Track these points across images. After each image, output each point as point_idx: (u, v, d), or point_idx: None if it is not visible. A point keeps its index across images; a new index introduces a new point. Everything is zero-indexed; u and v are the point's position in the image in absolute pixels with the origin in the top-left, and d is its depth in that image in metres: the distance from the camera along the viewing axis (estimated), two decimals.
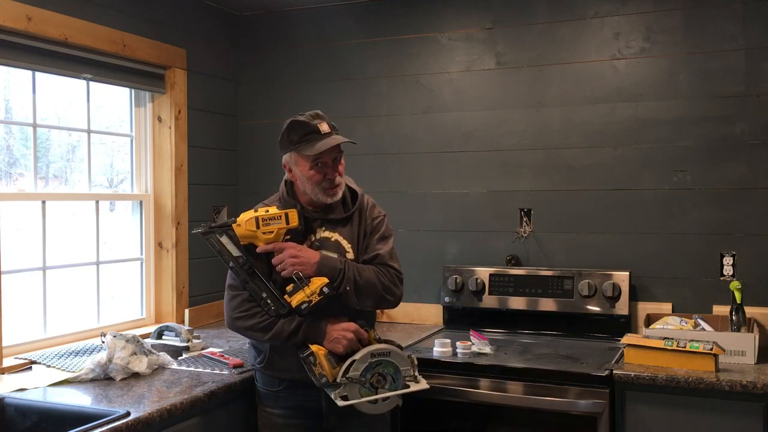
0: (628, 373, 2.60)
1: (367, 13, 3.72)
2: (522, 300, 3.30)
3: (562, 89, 3.37)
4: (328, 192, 2.33)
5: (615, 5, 3.28)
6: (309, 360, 2.22)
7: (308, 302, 2.20)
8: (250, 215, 2.29)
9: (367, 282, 2.30)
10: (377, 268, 2.35)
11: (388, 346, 2.27)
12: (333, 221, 2.40)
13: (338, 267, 2.26)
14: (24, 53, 2.75)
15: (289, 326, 2.25)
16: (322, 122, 2.31)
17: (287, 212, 2.29)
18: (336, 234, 2.38)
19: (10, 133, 2.96)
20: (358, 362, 2.21)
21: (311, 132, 2.29)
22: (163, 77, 3.45)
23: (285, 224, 2.28)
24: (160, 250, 3.49)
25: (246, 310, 2.30)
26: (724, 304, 3.03)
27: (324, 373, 2.21)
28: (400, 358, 2.26)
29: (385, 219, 2.47)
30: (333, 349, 2.24)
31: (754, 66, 3.06)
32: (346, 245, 2.38)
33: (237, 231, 2.29)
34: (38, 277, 2.93)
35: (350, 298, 2.28)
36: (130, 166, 3.47)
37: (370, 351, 2.23)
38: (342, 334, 2.25)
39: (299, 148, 2.30)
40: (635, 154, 3.25)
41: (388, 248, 2.41)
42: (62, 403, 2.28)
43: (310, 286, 2.21)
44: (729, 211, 3.10)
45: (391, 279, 2.37)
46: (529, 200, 3.43)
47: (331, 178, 2.32)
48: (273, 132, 3.94)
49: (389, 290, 2.36)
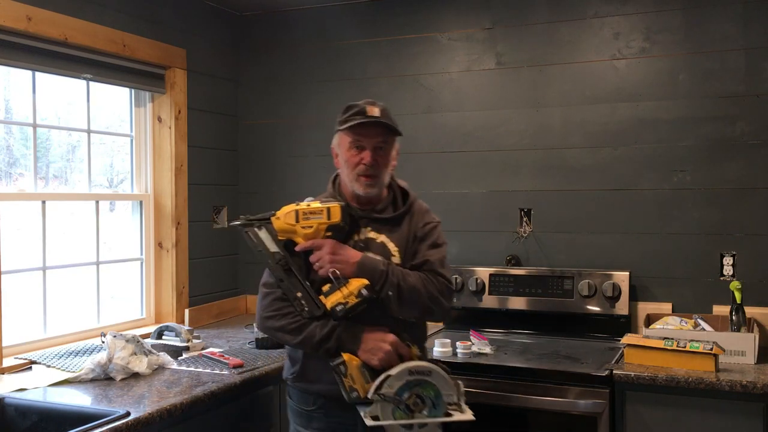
0: (628, 373, 2.60)
1: (367, 13, 3.72)
2: (522, 300, 3.30)
3: (562, 89, 3.37)
4: (361, 180, 2.16)
5: (615, 5, 3.28)
6: (339, 370, 2.02)
7: (344, 304, 2.02)
8: (291, 208, 2.13)
9: (411, 289, 2.09)
10: (425, 275, 2.15)
11: (430, 365, 2.03)
12: (380, 221, 2.22)
13: (380, 269, 2.08)
14: (24, 53, 2.75)
15: (321, 330, 2.06)
16: (374, 108, 2.15)
17: (329, 207, 2.11)
18: (382, 236, 2.20)
19: (10, 133, 2.96)
20: (393, 378, 1.98)
21: (357, 113, 2.14)
22: (163, 77, 3.45)
23: (326, 219, 2.10)
24: (160, 250, 3.49)
25: (278, 309, 2.14)
26: (724, 304, 3.03)
27: (355, 386, 2.01)
28: (443, 380, 2.01)
29: (439, 227, 2.28)
30: (367, 361, 2.03)
31: (754, 66, 3.06)
32: (393, 248, 2.19)
33: (275, 224, 2.13)
34: (38, 277, 2.93)
35: (392, 304, 2.08)
36: (130, 166, 3.47)
37: (408, 367, 2.00)
38: (378, 344, 2.04)
39: (341, 126, 2.17)
40: (635, 154, 3.25)
41: (439, 256, 2.21)
42: (62, 403, 2.28)
43: (347, 286, 2.03)
44: (729, 211, 3.10)
45: (439, 288, 2.15)
46: (529, 200, 3.43)
47: (366, 163, 2.14)
48: (273, 132, 3.97)
49: (436, 300, 2.14)
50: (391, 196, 2.29)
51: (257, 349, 3.01)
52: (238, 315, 3.90)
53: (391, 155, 2.23)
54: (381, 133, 2.16)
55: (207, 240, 3.72)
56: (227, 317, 3.81)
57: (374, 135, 2.15)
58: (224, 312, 3.80)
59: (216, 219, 3.80)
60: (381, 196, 2.24)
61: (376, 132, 2.15)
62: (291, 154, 3.90)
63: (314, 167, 3.80)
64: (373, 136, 2.15)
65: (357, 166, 2.16)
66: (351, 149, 2.16)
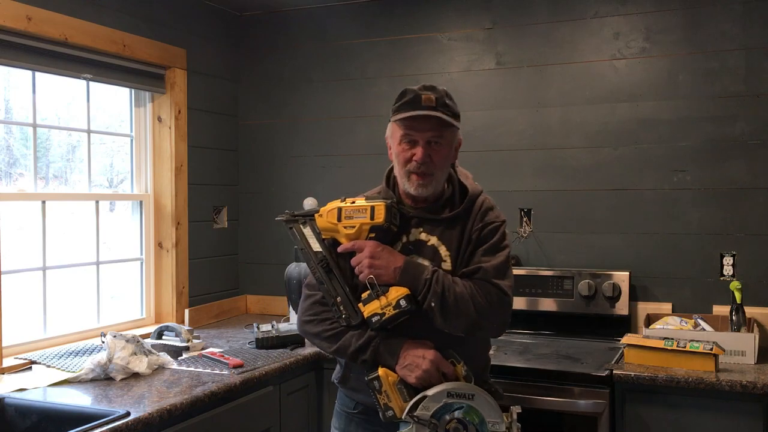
0: (628, 373, 2.60)
1: (367, 13, 3.72)
2: (522, 300, 3.30)
3: (562, 89, 3.37)
4: (413, 179, 1.96)
5: (615, 5, 3.28)
6: (373, 385, 1.87)
7: (381, 315, 1.86)
8: (335, 205, 1.98)
9: (458, 300, 1.87)
10: (475, 285, 1.91)
11: (475, 387, 1.82)
12: (434, 222, 2.00)
13: (424, 277, 1.88)
14: (24, 53, 2.75)
15: (358, 340, 1.90)
16: (430, 95, 1.93)
17: (374, 205, 1.93)
18: (435, 238, 1.99)
19: (10, 133, 2.96)
20: (429, 399, 1.78)
21: (411, 101, 1.93)
22: (163, 77, 3.45)
23: (369, 219, 1.93)
24: (160, 250, 3.49)
25: (316, 313, 2.00)
26: (724, 304, 3.03)
27: (390, 404, 1.85)
28: (487, 405, 1.79)
29: (503, 227, 2.03)
30: (405, 377, 1.85)
31: (754, 66, 3.06)
32: (444, 253, 1.98)
33: (318, 222, 1.99)
34: (38, 277, 2.93)
35: (435, 316, 1.88)
36: (130, 166, 3.47)
37: (447, 389, 1.79)
38: (417, 360, 1.85)
39: (393, 115, 1.98)
40: (635, 154, 3.25)
41: (496, 262, 1.95)
42: (62, 403, 2.28)
43: (387, 296, 1.87)
44: (729, 211, 3.10)
45: (491, 299, 1.90)
46: (529, 200, 3.43)
47: (418, 160, 1.93)
48: (273, 132, 3.97)
49: (485, 313, 1.90)
50: (451, 191, 2.06)
51: (257, 349, 3.01)
52: (238, 315, 3.90)
53: (451, 148, 2.01)
54: (436, 125, 1.93)
55: (207, 240, 3.72)
56: (227, 317, 3.81)
57: (427, 128, 1.93)
58: (224, 312, 3.80)
59: (216, 219, 3.80)
60: (438, 192, 2.03)
61: (430, 125, 1.93)
62: (291, 154, 3.90)
63: (314, 167, 3.81)
64: (426, 129, 1.93)
65: (408, 163, 1.96)
66: (402, 143, 1.97)
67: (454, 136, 2.02)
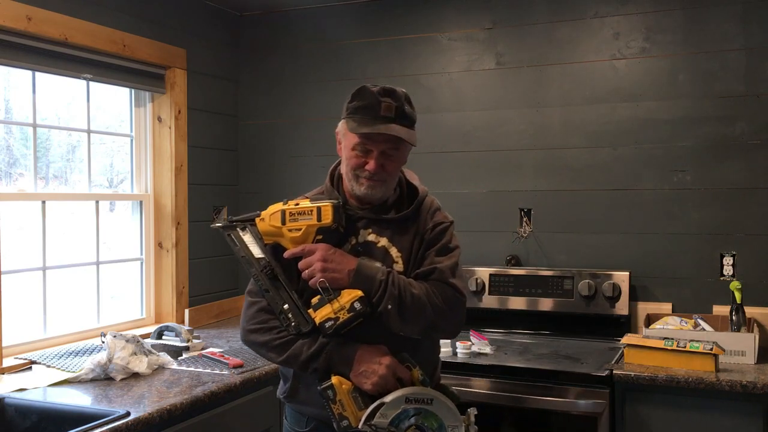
0: (628, 373, 2.60)
1: (367, 13, 3.72)
2: (522, 300, 3.30)
3: (562, 89, 3.37)
4: (362, 182, 1.89)
5: (615, 5, 3.28)
6: (327, 394, 1.78)
7: (334, 320, 1.76)
8: (277, 208, 1.89)
9: (415, 302, 1.80)
10: (431, 286, 1.85)
11: (433, 391, 1.76)
12: (383, 222, 1.94)
13: (379, 278, 1.80)
14: (24, 53, 2.75)
15: (309, 348, 1.80)
16: (390, 104, 1.87)
17: (320, 206, 1.85)
18: (384, 239, 1.92)
19: (10, 133, 2.96)
20: (387, 406, 1.71)
21: (370, 108, 1.87)
22: (163, 77, 3.45)
23: (316, 221, 1.84)
24: (160, 250, 3.49)
25: (262, 321, 1.89)
26: (724, 304, 3.03)
27: (345, 414, 1.76)
28: (446, 409, 1.74)
29: (451, 228, 2.00)
30: (360, 385, 1.77)
31: (754, 66, 3.06)
32: (396, 254, 1.91)
33: (260, 226, 1.90)
34: (38, 277, 2.93)
35: (391, 320, 1.80)
36: (130, 166, 3.47)
37: (405, 394, 1.73)
38: (372, 367, 1.77)
39: (350, 119, 1.90)
40: (635, 154, 3.25)
41: (450, 263, 1.91)
42: (62, 403, 2.28)
43: (339, 299, 1.78)
44: (729, 211, 3.10)
45: (448, 301, 1.85)
46: (529, 200, 3.43)
47: (370, 170, 1.86)
48: (273, 132, 3.97)
49: (443, 315, 1.85)
50: (398, 192, 2.00)
51: None
52: (238, 315, 3.85)
53: (405, 158, 1.96)
54: (392, 138, 1.87)
55: (207, 240, 3.72)
56: (227, 317, 3.81)
57: (383, 140, 1.87)
58: (224, 312, 3.80)
59: (216, 219, 3.80)
60: None
61: (386, 137, 1.86)
62: (291, 154, 3.90)
63: (314, 167, 3.80)
64: (381, 141, 1.87)
65: (359, 168, 1.89)
66: (354, 149, 1.88)
67: (409, 146, 1.94)
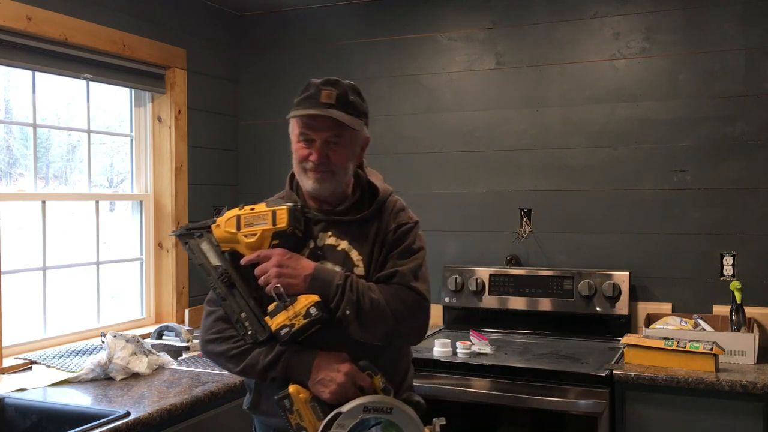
0: (628, 373, 2.60)
1: (367, 13, 3.72)
2: (522, 300, 3.30)
3: (562, 89, 3.37)
4: (309, 174, 1.83)
5: (615, 5, 3.28)
6: (283, 404, 1.72)
7: (290, 326, 1.70)
8: (233, 213, 1.83)
9: (374, 307, 1.73)
10: (392, 290, 1.78)
11: (393, 400, 1.70)
12: (342, 224, 1.87)
13: (336, 283, 1.74)
14: (24, 53, 2.75)
15: (266, 357, 1.74)
16: (331, 92, 1.80)
17: (275, 210, 1.81)
18: (345, 242, 1.85)
19: (10, 133, 2.96)
20: (345, 416, 1.64)
21: (311, 97, 1.81)
22: (163, 77, 3.45)
23: (271, 225, 1.79)
24: (160, 250, 3.49)
25: (220, 331, 1.84)
26: (724, 304, 3.03)
27: (303, 424, 1.71)
28: (407, 419, 1.66)
29: (416, 228, 1.90)
30: (318, 393, 1.71)
31: (754, 66, 3.06)
32: (356, 258, 1.84)
33: (215, 233, 1.84)
34: (38, 277, 2.93)
35: (350, 326, 1.73)
36: (130, 166, 3.47)
37: (363, 403, 1.66)
38: (331, 375, 1.71)
39: (293, 109, 1.84)
40: (635, 154, 3.25)
41: (412, 265, 1.83)
42: (62, 403, 2.29)
43: (295, 305, 1.71)
44: (729, 211, 3.10)
45: (409, 305, 1.78)
46: (529, 200, 3.43)
47: (314, 160, 1.81)
48: (273, 132, 3.97)
49: (404, 320, 1.77)
50: (359, 193, 1.93)
51: None
52: None
53: (353, 149, 1.87)
54: (334, 125, 1.80)
55: None
56: None
57: (324, 128, 1.80)
58: None
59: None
60: (344, 194, 1.90)
61: (327, 124, 1.79)
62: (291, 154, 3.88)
63: None
64: (323, 129, 1.80)
65: (304, 161, 1.84)
66: (299, 141, 1.84)
67: (356, 135, 1.87)
